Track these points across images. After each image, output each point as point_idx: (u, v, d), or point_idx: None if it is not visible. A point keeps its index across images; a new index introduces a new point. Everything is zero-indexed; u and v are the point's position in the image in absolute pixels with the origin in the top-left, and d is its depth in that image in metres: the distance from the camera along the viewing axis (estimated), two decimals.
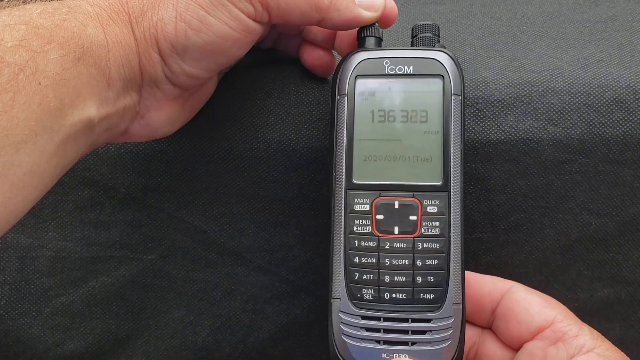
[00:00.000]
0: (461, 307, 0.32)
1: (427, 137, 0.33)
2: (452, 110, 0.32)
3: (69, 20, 0.27)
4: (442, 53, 0.33)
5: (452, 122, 0.32)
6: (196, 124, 0.39)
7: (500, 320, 0.35)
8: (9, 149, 0.24)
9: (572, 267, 0.40)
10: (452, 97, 0.32)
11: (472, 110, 0.38)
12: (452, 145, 0.32)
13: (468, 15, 0.45)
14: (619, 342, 0.41)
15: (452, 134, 0.32)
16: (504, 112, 0.38)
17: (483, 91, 0.39)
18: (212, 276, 0.41)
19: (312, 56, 0.38)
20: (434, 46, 0.34)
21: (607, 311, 0.41)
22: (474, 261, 0.40)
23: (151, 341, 0.42)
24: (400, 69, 0.33)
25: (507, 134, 0.38)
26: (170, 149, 0.39)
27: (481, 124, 0.38)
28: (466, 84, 0.39)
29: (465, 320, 0.33)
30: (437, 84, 0.33)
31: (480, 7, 0.47)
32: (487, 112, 0.38)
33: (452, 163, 0.32)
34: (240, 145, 0.39)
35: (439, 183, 0.32)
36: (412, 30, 0.35)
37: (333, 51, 0.39)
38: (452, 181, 0.32)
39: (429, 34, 0.35)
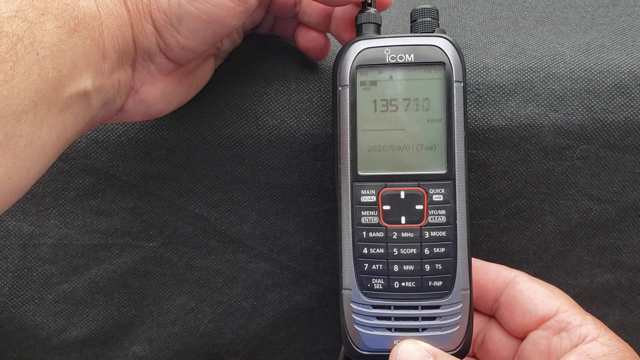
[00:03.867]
0: (469, 292, 0.33)
1: (430, 125, 0.33)
2: (455, 97, 0.32)
3: None
4: (443, 39, 0.33)
5: (455, 109, 0.32)
6: (196, 112, 0.39)
7: (504, 310, 0.35)
8: (10, 118, 0.24)
9: (572, 253, 0.40)
10: (454, 84, 0.32)
11: (473, 97, 0.38)
12: (455, 132, 0.32)
13: (469, 0, 0.45)
14: (618, 327, 0.42)
15: (454, 121, 0.32)
16: (505, 98, 0.38)
17: (484, 77, 0.39)
18: (213, 263, 0.41)
19: (306, 38, 0.37)
20: (434, 30, 0.34)
21: (607, 297, 0.41)
22: (474, 247, 0.40)
23: (153, 328, 0.42)
24: (401, 57, 0.33)
25: (508, 120, 0.38)
26: (171, 137, 0.39)
27: (482, 110, 0.38)
28: (467, 70, 0.39)
29: (473, 306, 0.33)
30: (438, 71, 0.33)
31: None
32: (488, 98, 0.38)
33: (455, 150, 0.32)
34: (241, 133, 0.39)
35: (444, 171, 0.32)
36: (411, 14, 0.35)
37: (328, 35, 0.38)
38: (456, 169, 0.32)
39: (429, 19, 0.34)
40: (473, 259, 0.35)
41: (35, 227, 0.40)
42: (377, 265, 0.33)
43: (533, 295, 0.35)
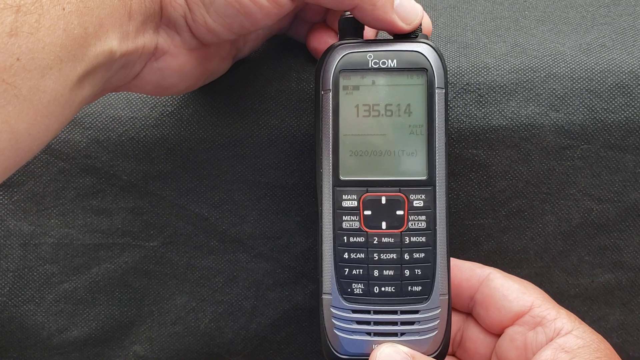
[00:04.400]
0: (447, 297, 0.33)
1: (412, 131, 0.33)
2: (436, 104, 0.33)
3: None
4: (425, 45, 0.33)
5: (436, 115, 0.33)
6: (197, 112, 0.39)
7: (480, 307, 0.36)
8: (35, 72, 0.24)
9: (573, 253, 0.40)
10: (436, 91, 0.33)
11: (473, 96, 0.38)
12: (436, 139, 0.33)
13: (470, 0, 0.45)
14: (619, 327, 0.42)
15: (436, 127, 0.33)
16: (506, 97, 0.38)
17: (485, 77, 0.38)
18: (214, 263, 0.41)
19: (320, 41, 0.37)
20: (417, 36, 0.33)
21: (608, 296, 0.41)
22: (475, 247, 0.40)
23: (154, 327, 0.42)
24: (383, 63, 0.33)
25: (509, 119, 0.38)
26: (172, 137, 0.39)
27: (483, 110, 0.38)
28: (468, 70, 0.39)
29: (451, 310, 0.33)
30: (420, 77, 0.33)
31: None
32: (488, 98, 0.38)
33: (437, 157, 0.33)
34: (242, 133, 0.39)
35: (424, 177, 0.33)
36: None
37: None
38: (437, 175, 0.33)
39: None
40: None
41: (35, 227, 0.40)
42: (357, 270, 0.33)
43: (507, 291, 0.35)
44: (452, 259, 0.37)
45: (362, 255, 0.33)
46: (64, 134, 0.39)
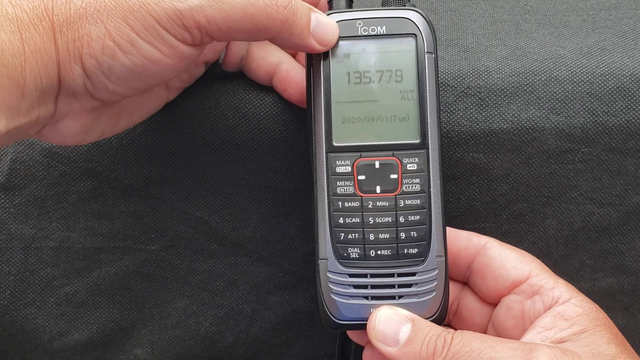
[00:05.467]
0: (444, 259, 0.33)
1: (403, 97, 0.33)
2: (427, 68, 0.33)
3: None
4: (413, 12, 0.33)
5: (427, 80, 0.33)
6: (198, 115, 0.39)
7: (477, 276, 0.36)
8: None
9: (574, 257, 0.40)
10: (426, 56, 0.33)
11: (474, 100, 0.38)
12: (427, 103, 0.33)
13: (471, 3, 0.45)
14: (621, 331, 0.41)
15: (427, 92, 0.33)
16: (507, 101, 0.38)
17: (485, 80, 0.38)
18: (214, 267, 0.41)
19: (298, 89, 0.37)
20: (405, 5, 0.34)
21: (610, 301, 0.41)
22: None
23: (155, 331, 0.42)
24: (373, 30, 0.33)
25: (510, 123, 0.38)
26: (172, 140, 0.39)
27: (484, 113, 0.38)
28: (468, 73, 0.39)
29: (448, 272, 0.34)
30: (410, 42, 0.33)
31: None
32: (489, 101, 0.38)
33: (428, 120, 0.33)
34: (242, 136, 0.39)
35: (417, 141, 0.33)
36: None
37: None
38: (429, 138, 0.33)
39: None
40: None
41: (37, 230, 0.40)
42: (353, 235, 0.33)
43: (504, 260, 0.35)
44: (449, 227, 0.37)
45: (358, 220, 0.33)
46: None
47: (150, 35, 0.28)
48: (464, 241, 0.36)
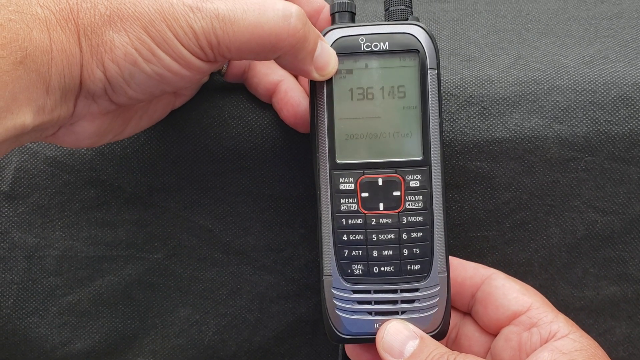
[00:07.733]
0: (446, 275, 0.34)
1: (406, 113, 0.33)
2: (429, 84, 0.33)
3: (14, 21, 0.26)
4: (416, 27, 0.33)
5: (430, 96, 0.33)
6: (201, 124, 0.39)
7: (479, 305, 0.36)
8: None
9: (578, 265, 0.40)
10: (428, 71, 0.33)
11: (477, 108, 0.38)
12: (430, 119, 0.33)
13: (473, 13, 0.45)
14: (625, 339, 0.41)
15: (429, 108, 0.33)
16: (509, 110, 0.38)
17: (488, 89, 0.39)
18: (217, 275, 0.41)
19: (293, 111, 0.37)
20: (407, 18, 0.34)
21: (613, 309, 0.41)
22: (479, 259, 0.40)
23: (157, 340, 0.42)
24: (376, 46, 0.33)
25: (513, 132, 0.38)
26: (176, 149, 0.40)
27: (486, 122, 0.38)
28: (471, 82, 0.39)
29: (450, 288, 0.34)
30: (413, 58, 0.33)
31: (485, 5, 0.47)
32: (492, 110, 0.38)
33: (431, 137, 0.33)
34: (246, 145, 0.39)
35: (420, 158, 0.33)
36: (385, 2, 0.35)
37: None
38: (432, 155, 0.33)
39: (402, 6, 0.35)
40: (452, 257, 0.36)
41: (40, 239, 0.40)
42: (356, 251, 0.33)
43: (507, 291, 0.35)
44: (457, 259, 0.37)
45: (361, 237, 0.33)
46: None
47: (170, 49, 0.29)
48: (471, 271, 0.37)
